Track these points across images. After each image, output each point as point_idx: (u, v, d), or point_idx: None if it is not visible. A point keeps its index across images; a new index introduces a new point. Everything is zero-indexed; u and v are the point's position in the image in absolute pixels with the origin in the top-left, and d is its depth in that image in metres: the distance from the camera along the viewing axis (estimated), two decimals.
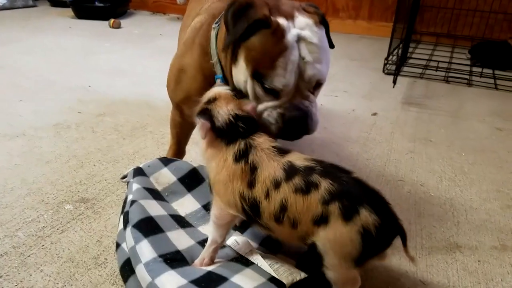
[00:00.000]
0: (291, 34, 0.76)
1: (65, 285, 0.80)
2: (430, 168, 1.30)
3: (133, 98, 1.78)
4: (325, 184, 0.64)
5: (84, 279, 0.81)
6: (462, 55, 2.67)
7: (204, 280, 0.71)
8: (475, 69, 2.32)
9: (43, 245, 0.90)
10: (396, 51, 2.26)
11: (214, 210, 0.76)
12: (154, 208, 0.86)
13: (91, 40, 2.76)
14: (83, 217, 1.00)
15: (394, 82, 1.90)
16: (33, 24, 3.13)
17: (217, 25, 0.88)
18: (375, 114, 1.73)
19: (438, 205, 1.10)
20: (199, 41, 0.92)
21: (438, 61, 2.30)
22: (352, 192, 0.64)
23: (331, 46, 0.86)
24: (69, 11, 3.51)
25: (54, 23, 3.24)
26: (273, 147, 0.72)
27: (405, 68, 2.31)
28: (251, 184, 0.69)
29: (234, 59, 0.80)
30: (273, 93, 0.78)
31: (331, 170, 0.67)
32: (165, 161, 1.00)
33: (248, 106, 0.77)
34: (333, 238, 0.63)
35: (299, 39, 0.76)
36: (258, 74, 0.76)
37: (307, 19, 0.79)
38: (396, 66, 2.00)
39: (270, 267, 0.76)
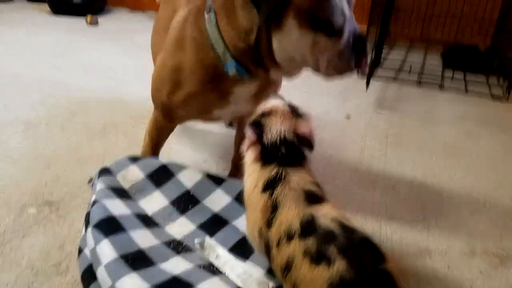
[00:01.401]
0: None
1: None
2: (401, 171, 1.31)
3: (107, 95, 1.73)
4: (340, 265, 0.52)
5: None
6: (434, 58, 2.72)
7: (168, 285, 0.69)
8: (447, 73, 2.37)
9: (1, 252, 0.86)
10: (370, 54, 2.28)
11: (247, 234, 0.73)
12: (118, 207, 0.83)
13: (67, 36, 2.68)
14: (46, 221, 0.96)
15: (367, 84, 1.91)
16: (7, 19, 3.03)
17: (210, 13, 0.84)
18: (348, 117, 1.73)
19: (409, 208, 1.11)
20: (191, 35, 0.87)
21: (411, 65, 2.34)
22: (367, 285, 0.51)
23: None
24: (45, 7, 3.39)
25: (29, 18, 3.14)
26: (306, 190, 0.63)
27: (379, 71, 2.33)
28: (269, 223, 0.62)
29: (276, 26, 0.77)
30: (338, 33, 0.76)
31: (356, 249, 0.54)
32: (133, 159, 0.97)
33: (306, 127, 0.72)
34: None
35: None
36: (320, 23, 0.75)
37: None
38: (369, 70, 2.02)
39: (238, 277, 0.74)
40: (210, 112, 0.96)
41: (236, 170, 1.16)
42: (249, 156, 0.70)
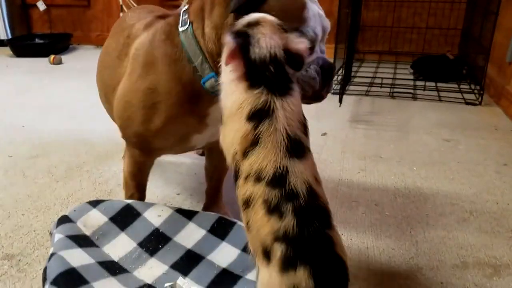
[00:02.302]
0: None
1: None
2: (383, 185, 1.28)
3: (69, 135, 1.66)
4: (287, 222, 0.53)
5: None
6: (405, 70, 2.75)
7: None
8: (418, 83, 2.39)
9: None
10: (340, 71, 2.28)
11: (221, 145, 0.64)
12: (78, 258, 0.75)
13: (29, 77, 2.61)
14: (6, 277, 0.87)
15: (340, 101, 1.90)
16: None
17: (187, 26, 0.79)
18: (324, 134, 1.70)
19: (395, 225, 1.07)
20: (163, 52, 0.82)
21: (382, 78, 2.35)
22: (305, 247, 0.53)
23: None
24: (6, 50, 3.31)
25: None
26: (291, 137, 0.57)
27: (351, 87, 2.33)
28: (244, 154, 0.58)
29: None
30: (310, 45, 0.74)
31: (309, 213, 0.55)
32: (94, 203, 0.90)
33: (300, 44, 0.62)
34: (266, 282, 0.54)
35: None
36: (290, 30, 0.70)
37: None
38: (340, 86, 2.01)
39: None
40: (189, 138, 0.89)
41: (211, 202, 1.10)
42: (230, 73, 0.61)
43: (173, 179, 1.32)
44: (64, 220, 0.84)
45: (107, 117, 1.12)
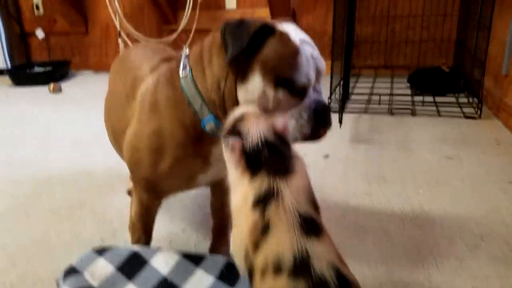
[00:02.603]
0: (294, 36, 0.76)
1: None
2: (390, 211, 1.26)
3: (71, 168, 1.65)
4: None
5: None
6: (401, 84, 2.76)
7: None
8: (416, 98, 2.39)
9: None
10: (337, 88, 2.29)
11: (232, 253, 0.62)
12: None
13: (29, 108, 2.61)
14: None
15: (340, 121, 1.89)
16: None
17: (187, 71, 0.82)
18: (326, 156, 1.69)
19: (405, 255, 1.05)
20: (165, 96, 0.83)
21: (380, 94, 2.35)
22: None
23: None
24: (6, 79, 3.32)
25: None
26: (302, 214, 0.55)
27: (349, 105, 2.33)
28: (256, 245, 0.54)
29: (242, 78, 0.75)
30: (300, 94, 0.75)
31: None
32: (100, 251, 0.88)
33: (279, 123, 0.66)
34: None
35: (300, 40, 0.76)
36: (283, 80, 0.73)
37: (290, 24, 0.80)
38: (339, 106, 2.01)
39: None
40: (194, 178, 0.89)
41: (218, 241, 1.08)
42: (234, 170, 0.62)
43: (177, 212, 1.31)
44: (71, 271, 0.83)
45: (107, 147, 1.10)
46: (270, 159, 0.60)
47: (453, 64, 2.88)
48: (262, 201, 0.56)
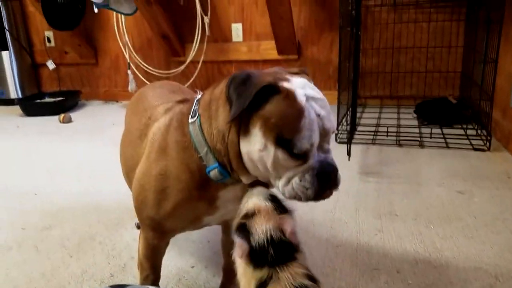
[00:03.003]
0: (300, 94, 0.74)
1: None
2: (403, 249, 1.24)
3: (80, 200, 1.66)
4: None
5: None
6: (408, 115, 2.77)
7: None
8: (424, 130, 2.39)
9: None
10: (344, 118, 2.30)
11: None
12: None
13: (40, 138, 2.64)
14: None
15: (349, 154, 1.89)
16: None
17: (195, 118, 0.83)
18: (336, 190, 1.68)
19: None
20: (174, 139, 0.85)
21: (388, 126, 2.35)
22: None
23: None
24: (17, 109, 3.37)
25: (1, 125, 3.08)
26: (298, 286, 0.61)
27: (356, 136, 2.34)
28: None
29: (244, 131, 0.76)
30: (302, 157, 0.73)
31: None
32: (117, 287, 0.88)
33: (288, 227, 0.68)
34: None
35: (307, 98, 0.75)
36: (283, 141, 0.72)
37: (301, 79, 0.79)
38: (347, 138, 2.01)
39: None
40: (200, 220, 0.90)
41: (229, 280, 1.06)
42: (241, 261, 0.66)
43: (186, 248, 1.30)
44: None
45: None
46: (274, 257, 0.64)
47: (459, 96, 2.90)
48: (262, 285, 0.62)
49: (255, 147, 0.74)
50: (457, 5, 2.84)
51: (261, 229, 0.66)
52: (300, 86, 0.76)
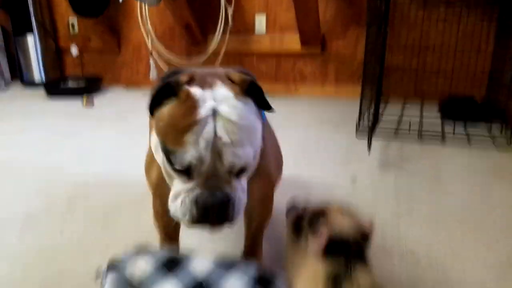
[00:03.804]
0: (206, 107, 0.65)
1: None
2: (418, 237, 1.22)
3: (105, 180, 1.69)
4: None
5: None
6: (432, 113, 2.71)
7: None
8: (447, 127, 2.34)
9: None
10: (367, 114, 2.26)
11: None
12: None
13: (64, 121, 2.70)
14: None
15: (369, 147, 1.86)
16: (4, 110, 3.06)
17: None
18: (354, 180, 1.66)
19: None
20: None
21: (410, 122, 2.31)
22: None
23: (268, 108, 0.75)
24: (41, 92, 3.44)
25: (26, 106, 3.18)
26: None
27: (377, 131, 2.30)
28: None
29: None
30: (185, 174, 0.67)
31: None
32: (139, 252, 0.89)
33: (368, 223, 0.71)
34: None
35: (215, 114, 0.65)
36: (166, 150, 0.67)
37: (227, 91, 0.68)
38: (368, 132, 1.98)
39: None
40: None
41: (250, 252, 1.06)
42: (313, 248, 0.67)
43: None
44: (112, 268, 0.85)
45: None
46: (352, 251, 0.66)
47: (485, 95, 2.82)
48: (335, 282, 0.62)
49: (157, 150, 0.71)
50: (490, 6, 2.76)
51: (342, 223, 0.68)
52: (217, 99, 0.67)
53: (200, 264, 0.86)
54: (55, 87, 3.52)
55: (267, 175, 0.91)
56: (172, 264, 0.86)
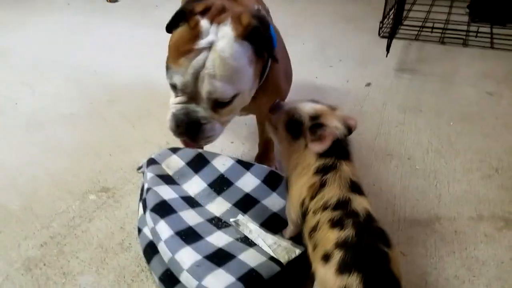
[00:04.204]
0: (206, 39, 0.75)
1: (98, 269, 0.94)
2: (418, 140, 1.40)
3: (135, 81, 1.85)
4: (348, 232, 0.66)
5: (113, 263, 0.96)
6: (461, 10, 2.67)
7: (216, 256, 0.85)
8: (471, 28, 2.34)
9: (75, 234, 1.04)
10: (392, 11, 2.26)
11: (287, 211, 0.85)
12: (167, 193, 0.98)
13: (90, 17, 2.77)
14: (106, 205, 1.13)
15: (388, 49, 1.94)
16: (29, 4, 3.11)
17: None
18: (368, 84, 1.80)
19: (422, 178, 1.22)
20: None
21: (434, 22, 2.32)
22: (362, 255, 0.64)
23: (269, 56, 0.85)
24: None
25: (51, 1, 3.22)
26: (352, 180, 0.75)
27: (401, 30, 2.33)
28: (312, 197, 0.75)
29: None
30: (174, 89, 0.81)
31: (368, 229, 0.67)
32: (173, 150, 1.12)
33: (352, 120, 0.80)
34: (323, 279, 0.66)
35: (211, 47, 0.74)
36: (166, 64, 0.80)
37: (230, 30, 0.76)
38: (389, 33, 2.04)
39: (270, 247, 0.89)
40: None
41: (263, 155, 1.27)
42: (315, 149, 0.77)
43: (226, 129, 1.51)
44: (152, 161, 1.08)
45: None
46: (342, 149, 0.77)
47: None
48: (322, 170, 0.75)
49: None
50: None
51: (338, 124, 0.77)
52: (215, 33, 0.75)
53: (222, 161, 1.07)
54: None
55: (276, 87, 1.04)
56: (199, 160, 1.08)
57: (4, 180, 1.24)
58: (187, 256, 0.83)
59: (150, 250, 0.92)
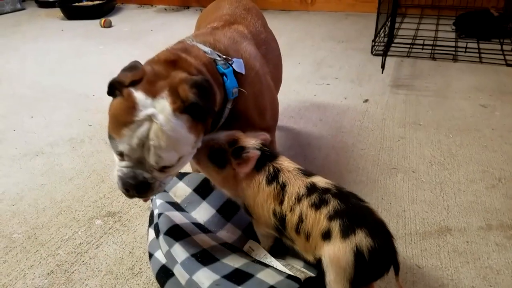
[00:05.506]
0: (145, 112, 0.76)
1: None
2: (421, 153, 1.42)
3: None
4: (333, 203, 0.75)
5: None
6: (447, 27, 2.75)
7: (234, 275, 0.84)
8: (460, 44, 2.41)
9: (83, 261, 1.01)
10: (382, 29, 2.33)
11: (258, 231, 0.91)
12: (178, 218, 0.98)
13: (84, 42, 2.80)
14: (113, 230, 1.11)
15: (383, 67, 1.99)
16: (24, 30, 3.15)
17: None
18: (366, 100, 1.82)
19: (429, 190, 1.22)
20: None
21: (424, 39, 2.38)
22: (355, 214, 0.74)
23: (211, 116, 0.86)
24: (57, 12, 3.51)
25: (45, 26, 3.25)
26: (298, 168, 0.83)
27: (392, 48, 2.39)
28: (281, 201, 0.81)
29: None
30: (120, 156, 0.82)
31: (344, 194, 0.77)
32: (180, 175, 1.11)
33: (263, 138, 0.89)
34: (332, 253, 0.72)
35: (152, 119, 0.76)
36: (109, 134, 0.82)
37: (168, 104, 0.77)
38: (383, 51, 2.08)
39: (285, 267, 0.88)
40: None
41: None
42: (244, 171, 0.84)
43: None
44: None
45: None
46: (266, 156, 0.85)
47: (503, 8, 2.81)
48: (274, 177, 0.82)
49: None
50: None
51: (251, 143, 0.85)
52: (158, 108, 0.76)
53: None
54: (72, 7, 3.52)
55: (247, 117, 0.99)
56: (206, 185, 1.06)
57: (5, 207, 1.21)
58: (205, 276, 0.82)
59: (163, 275, 0.90)
